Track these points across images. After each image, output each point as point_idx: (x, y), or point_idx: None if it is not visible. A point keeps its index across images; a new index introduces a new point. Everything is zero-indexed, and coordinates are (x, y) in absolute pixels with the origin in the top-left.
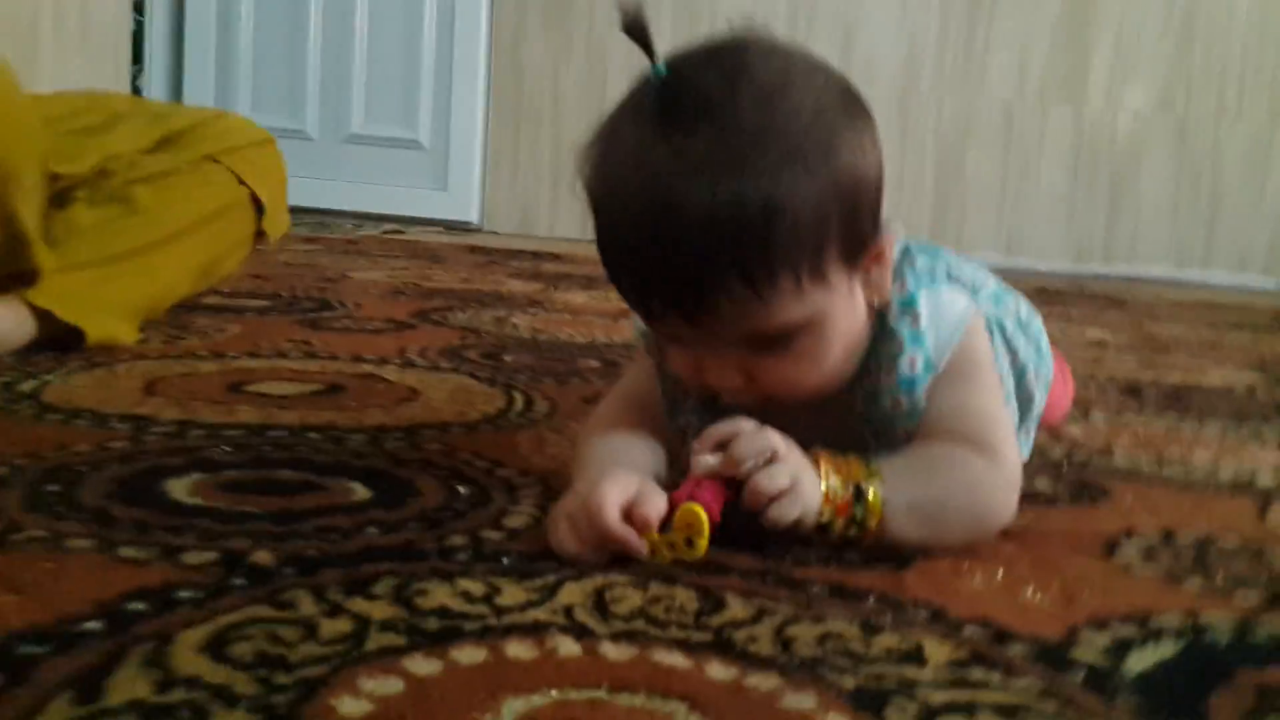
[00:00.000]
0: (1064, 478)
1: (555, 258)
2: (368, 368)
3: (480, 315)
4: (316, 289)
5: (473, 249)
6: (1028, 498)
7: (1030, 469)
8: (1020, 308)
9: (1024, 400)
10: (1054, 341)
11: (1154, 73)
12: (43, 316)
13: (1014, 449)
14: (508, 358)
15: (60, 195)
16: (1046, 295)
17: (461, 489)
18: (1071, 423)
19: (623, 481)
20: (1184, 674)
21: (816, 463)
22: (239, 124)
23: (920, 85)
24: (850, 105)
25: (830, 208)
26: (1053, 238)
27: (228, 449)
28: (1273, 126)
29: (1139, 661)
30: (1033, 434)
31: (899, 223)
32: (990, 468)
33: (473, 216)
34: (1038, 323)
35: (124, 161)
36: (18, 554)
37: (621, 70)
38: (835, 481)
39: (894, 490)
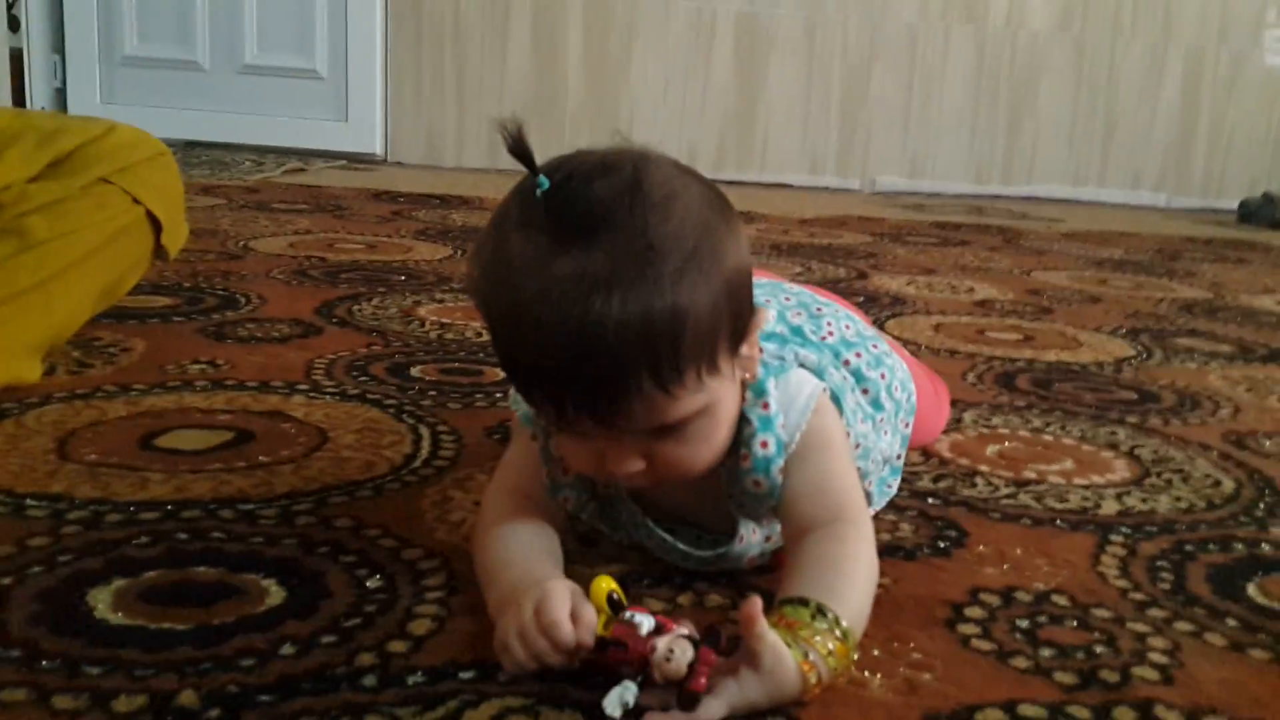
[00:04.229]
0: (928, 515)
1: (463, 202)
2: (275, 400)
3: (387, 307)
4: (220, 273)
5: (377, 194)
6: (893, 550)
7: (900, 504)
8: (865, 357)
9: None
10: (940, 325)
11: None
12: None
13: (863, 511)
14: (415, 371)
15: None
16: (945, 231)
17: (369, 583)
18: (947, 430)
19: (564, 594)
20: None
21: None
22: (131, 138)
23: (826, 9)
24: (724, 207)
25: (722, 307)
26: (955, 160)
27: (144, 540)
28: (1166, 44)
29: None
30: (899, 467)
31: (763, 309)
32: (862, 538)
33: (376, 148)
34: (889, 361)
35: (14, 193)
36: None
37: None
38: (823, 663)
39: (855, 621)
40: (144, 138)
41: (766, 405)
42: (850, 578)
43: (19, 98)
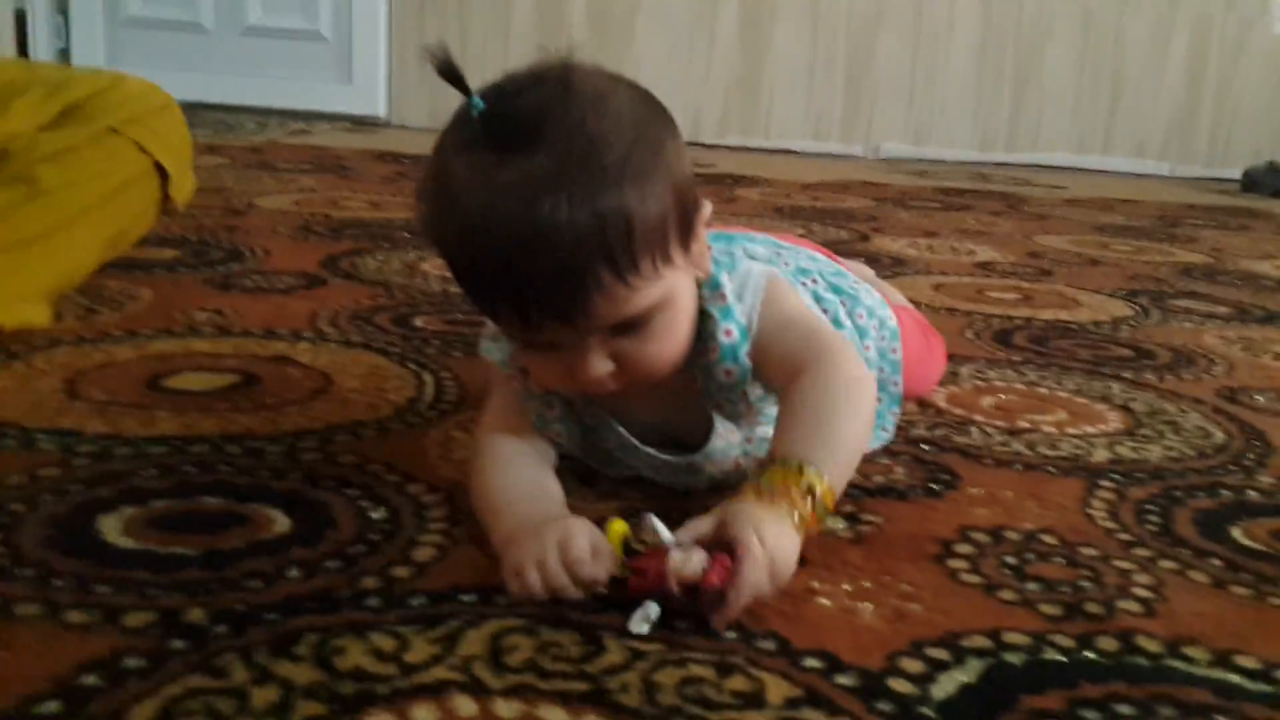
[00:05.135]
0: (922, 460)
1: None
2: (281, 346)
3: (391, 261)
4: (224, 229)
5: (380, 155)
6: (886, 491)
7: (895, 449)
8: (821, 283)
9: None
10: (940, 285)
11: None
12: None
13: (837, 339)
14: (418, 322)
15: None
16: (948, 197)
17: (373, 515)
18: (944, 383)
19: (586, 532)
20: (978, 700)
21: (764, 498)
22: (138, 90)
23: None
24: (656, 104)
25: (668, 199)
26: (960, 127)
27: (153, 472)
28: (1173, 11)
29: (943, 688)
30: (897, 395)
31: (706, 201)
32: (833, 373)
33: (379, 110)
34: (851, 290)
35: (24, 141)
36: None
37: None
38: (788, 501)
39: (821, 461)
40: (151, 89)
41: (723, 296)
42: (824, 426)
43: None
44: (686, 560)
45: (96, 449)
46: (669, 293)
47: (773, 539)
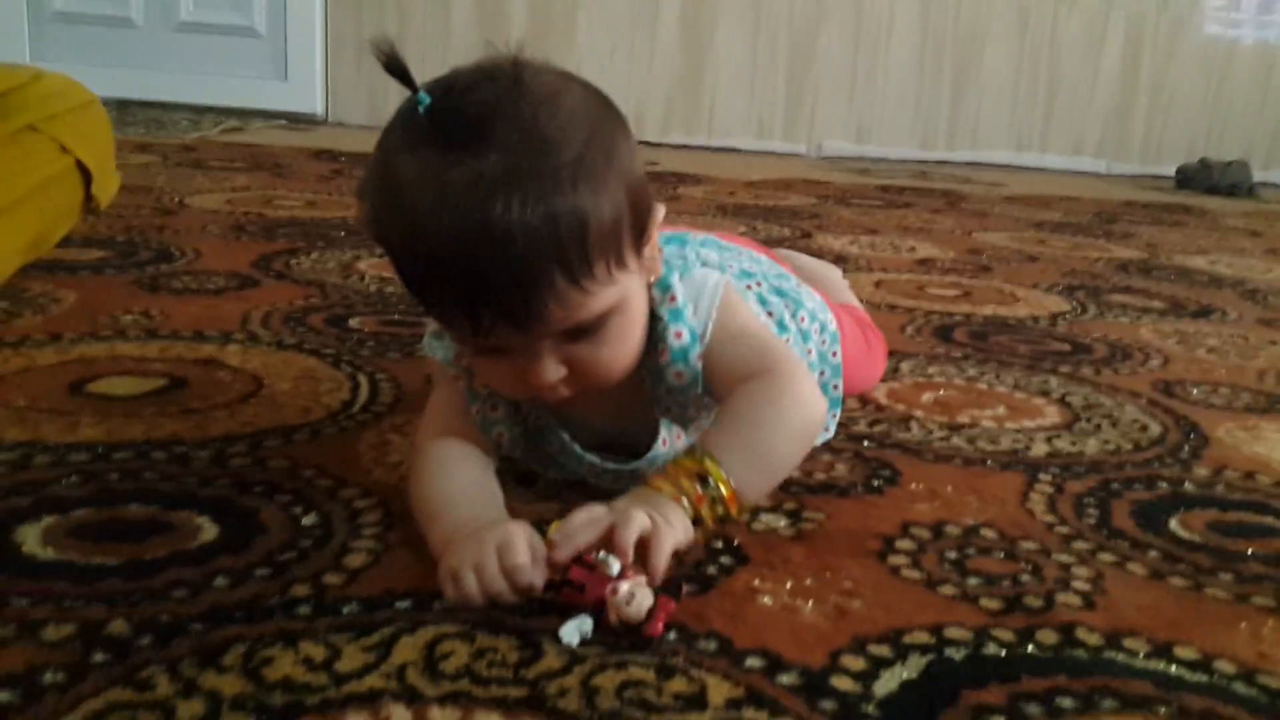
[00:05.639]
0: (863, 456)
1: None
2: (210, 349)
3: (326, 261)
4: (154, 228)
5: (318, 153)
6: (828, 487)
7: (836, 446)
8: (765, 285)
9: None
10: (881, 281)
11: None
12: None
13: (791, 357)
14: (353, 322)
15: None
16: (889, 194)
17: (304, 520)
18: (885, 379)
19: (525, 536)
20: (920, 696)
21: (653, 485)
22: (59, 86)
23: None
24: (608, 106)
25: (622, 201)
26: (900, 125)
27: (74, 479)
28: (1107, 11)
29: (885, 685)
30: (837, 398)
31: (659, 204)
32: (781, 387)
33: (316, 108)
34: (794, 294)
35: None
36: None
37: None
38: (676, 486)
39: (729, 459)
40: (72, 85)
41: (674, 298)
42: (744, 426)
43: None
44: (631, 598)
45: (15, 456)
46: (622, 297)
47: (639, 510)
